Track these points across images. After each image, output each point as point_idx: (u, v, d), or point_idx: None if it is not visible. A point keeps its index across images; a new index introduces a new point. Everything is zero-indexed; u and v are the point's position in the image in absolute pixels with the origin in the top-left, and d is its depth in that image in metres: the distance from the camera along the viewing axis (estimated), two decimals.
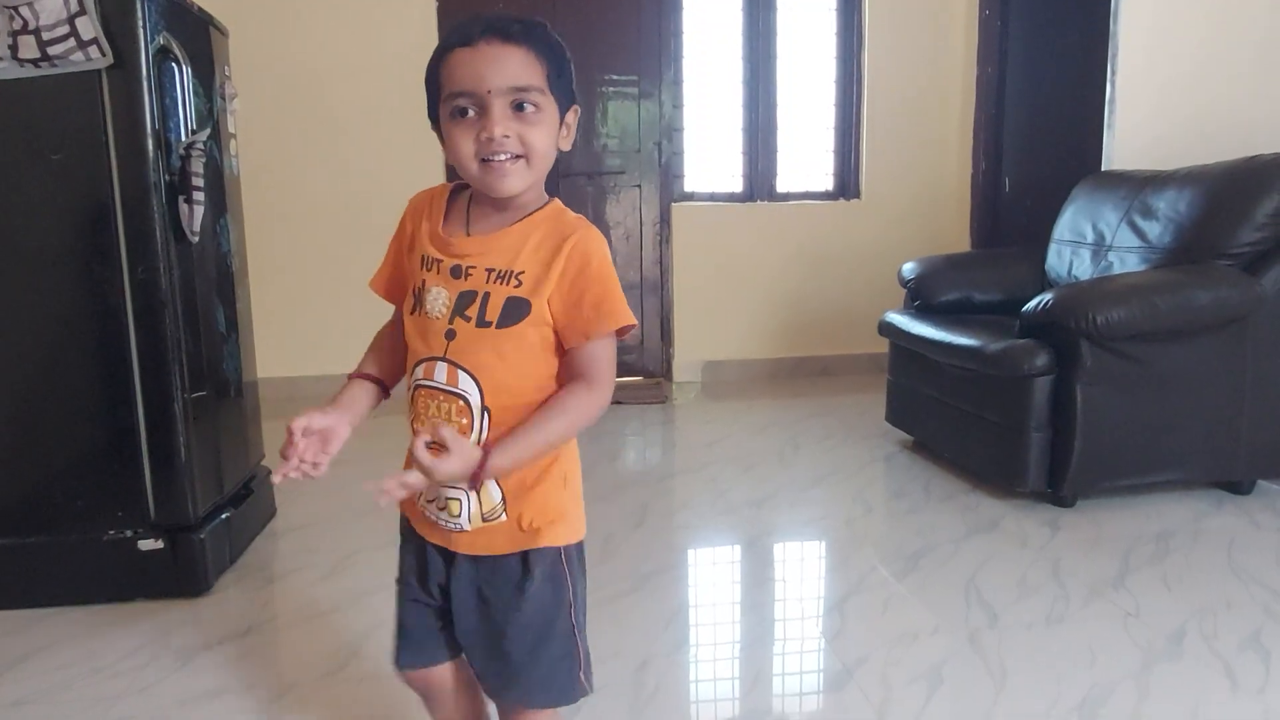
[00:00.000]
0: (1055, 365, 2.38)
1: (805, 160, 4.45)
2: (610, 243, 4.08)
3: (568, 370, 1.00)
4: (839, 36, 4.37)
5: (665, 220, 4.22)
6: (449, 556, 1.04)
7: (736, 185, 4.40)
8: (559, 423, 0.97)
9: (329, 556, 2.18)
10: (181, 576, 1.97)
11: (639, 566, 2.13)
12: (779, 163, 4.41)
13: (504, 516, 1.00)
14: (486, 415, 0.97)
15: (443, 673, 1.14)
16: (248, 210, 2.48)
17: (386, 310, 1.12)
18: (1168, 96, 3.08)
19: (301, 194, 3.92)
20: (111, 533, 1.94)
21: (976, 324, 2.77)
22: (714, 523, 2.49)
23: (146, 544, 1.94)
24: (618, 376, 1.04)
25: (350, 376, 1.09)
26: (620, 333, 1.00)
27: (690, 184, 4.35)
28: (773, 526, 2.45)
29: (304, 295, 3.87)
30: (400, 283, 1.05)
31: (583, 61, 4.66)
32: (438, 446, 0.90)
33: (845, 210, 4.42)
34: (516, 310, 0.96)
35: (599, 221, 4.13)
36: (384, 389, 1.09)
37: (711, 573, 2.21)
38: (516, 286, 0.96)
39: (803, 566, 2.27)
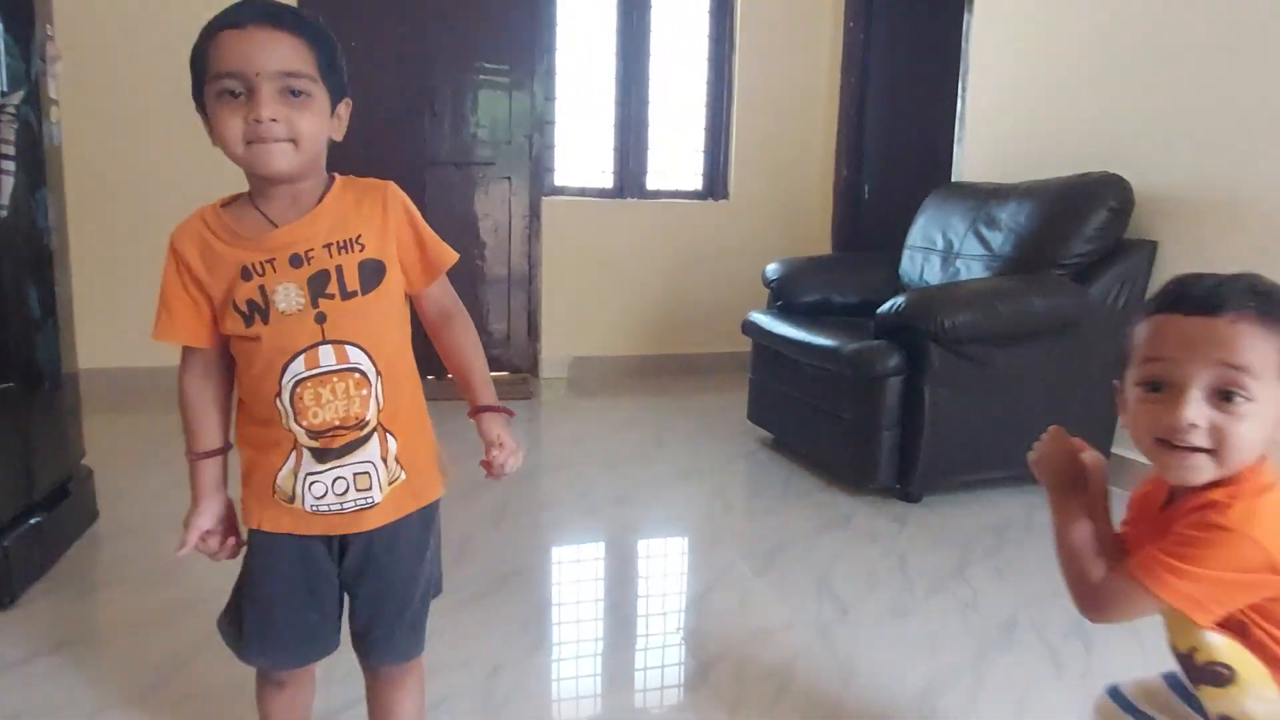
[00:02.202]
0: (906, 366, 2.48)
1: (675, 159, 4.49)
2: (478, 235, 4.03)
3: (434, 310, 1.09)
4: (711, 39, 4.43)
5: (535, 214, 4.16)
6: (342, 542, 1.05)
7: (607, 181, 4.38)
8: (480, 351, 1.12)
9: (156, 564, 2.01)
10: None
11: (497, 568, 2.07)
12: (649, 161, 4.43)
13: (403, 475, 1.05)
14: (380, 379, 1.01)
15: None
16: (72, 184, 2.26)
17: None
18: (1012, 115, 3.28)
19: (134, 168, 3.60)
20: None
21: (835, 325, 2.85)
22: (576, 521, 2.46)
23: None
24: None
25: (195, 456, 1.07)
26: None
27: (560, 178, 4.30)
28: (635, 524, 2.44)
29: (135, 279, 3.56)
30: (205, 322, 1.02)
31: (454, 48, 4.47)
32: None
33: (713, 210, 4.49)
34: (374, 271, 1.00)
35: (467, 212, 4.02)
36: (226, 451, 1.10)
37: (572, 572, 2.18)
38: (362, 250, 0.99)
39: (664, 564, 2.27)
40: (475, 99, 3.98)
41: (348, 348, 0.98)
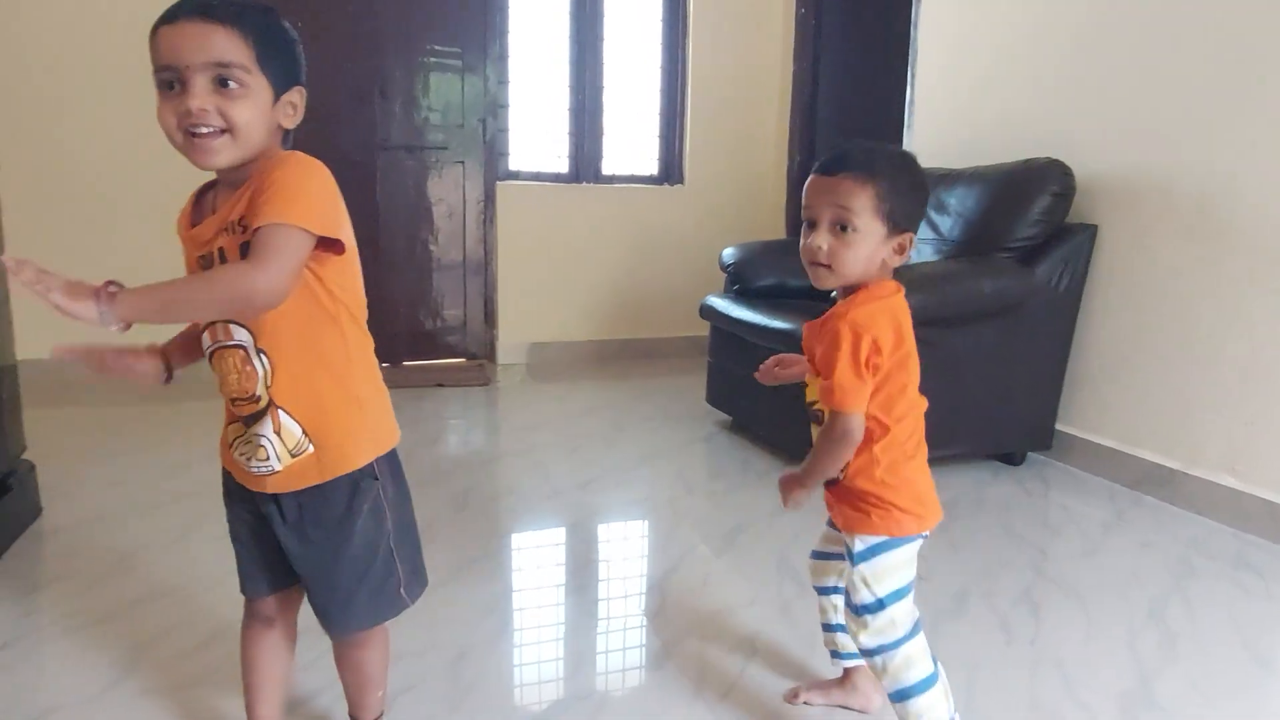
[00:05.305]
0: None
1: (631, 144, 4.49)
2: (432, 220, 3.98)
3: None
4: (665, 24, 4.43)
5: (489, 199, 4.12)
6: (274, 498, 1.10)
7: (562, 166, 4.37)
8: (199, 283, 0.96)
9: (104, 559, 1.97)
10: None
11: (460, 553, 2.07)
12: (605, 145, 4.42)
13: (310, 448, 1.06)
14: (264, 356, 1.02)
15: (284, 598, 1.22)
16: (6, 171, 2.18)
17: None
18: (959, 102, 3.34)
19: (70, 154, 3.48)
20: None
21: (791, 308, 2.88)
22: (538, 506, 2.46)
23: None
24: (440, 358, 1.15)
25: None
26: (329, 246, 1.00)
27: (515, 163, 4.27)
28: (597, 508, 2.45)
29: (72, 266, 3.45)
30: None
31: (404, 29, 4.38)
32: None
33: (669, 195, 4.50)
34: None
35: (420, 197, 3.97)
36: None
37: (535, 557, 2.18)
38: (244, 232, 0.96)
39: (625, 547, 2.29)
40: (427, 81, 3.93)
41: (231, 325, 1.02)
